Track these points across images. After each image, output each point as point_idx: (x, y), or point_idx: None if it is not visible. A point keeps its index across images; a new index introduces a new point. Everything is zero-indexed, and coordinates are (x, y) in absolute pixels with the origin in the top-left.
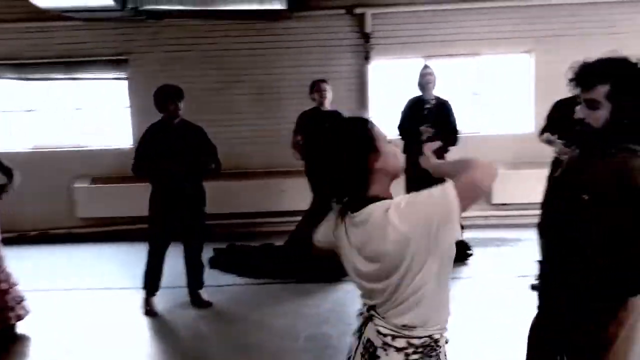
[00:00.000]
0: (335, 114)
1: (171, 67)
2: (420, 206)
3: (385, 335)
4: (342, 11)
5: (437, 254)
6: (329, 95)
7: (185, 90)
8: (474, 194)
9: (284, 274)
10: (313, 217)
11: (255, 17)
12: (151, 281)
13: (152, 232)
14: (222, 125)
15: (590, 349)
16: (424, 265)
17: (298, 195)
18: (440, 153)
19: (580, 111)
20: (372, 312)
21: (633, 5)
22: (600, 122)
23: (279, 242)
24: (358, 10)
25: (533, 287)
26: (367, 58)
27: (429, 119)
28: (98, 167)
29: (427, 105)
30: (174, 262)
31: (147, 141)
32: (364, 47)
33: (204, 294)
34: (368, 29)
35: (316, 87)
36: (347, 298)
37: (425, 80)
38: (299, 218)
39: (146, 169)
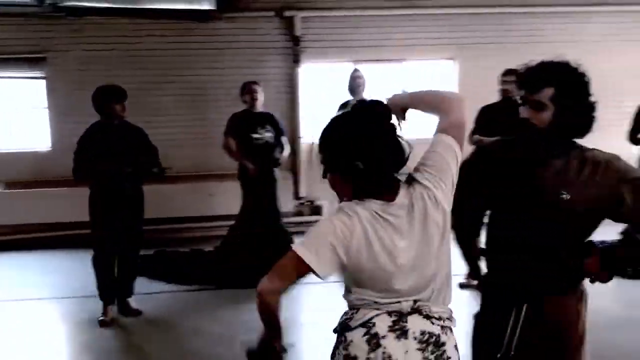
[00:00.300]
0: (267, 116)
1: (93, 66)
2: (443, 166)
3: (440, 319)
4: (272, 13)
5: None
6: (261, 97)
7: None
8: (463, 133)
9: (217, 280)
10: (245, 221)
11: (183, 17)
12: (107, 289)
13: (96, 237)
14: (148, 127)
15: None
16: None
17: (227, 199)
18: None
19: (525, 112)
20: (418, 305)
21: (550, 15)
22: (546, 123)
23: (209, 248)
24: (287, 13)
25: (461, 286)
26: (296, 61)
27: None
28: (13, 171)
29: None
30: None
31: (87, 143)
32: (294, 50)
33: (132, 302)
34: (298, 32)
35: (247, 89)
36: (284, 301)
37: (355, 83)
38: (229, 222)
39: (86, 170)
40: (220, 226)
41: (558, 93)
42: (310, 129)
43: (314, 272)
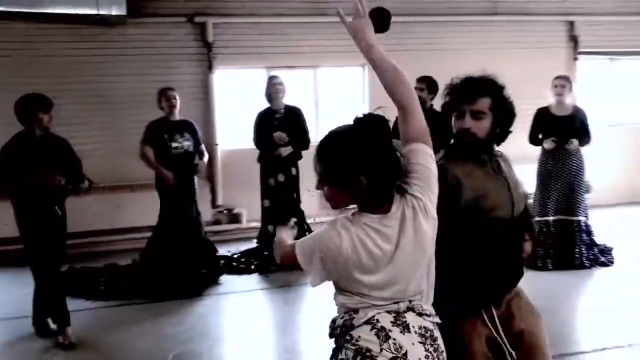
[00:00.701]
0: (186, 124)
1: None
2: (428, 175)
3: (430, 315)
4: (183, 19)
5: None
6: (178, 103)
7: (6, 99)
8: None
9: (139, 293)
10: (164, 232)
11: (90, 22)
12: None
13: (32, 254)
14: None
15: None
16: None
17: (136, 210)
18: (293, 159)
19: (465, 122)
20: (413, 304)
21: (450, 24)
22: (485, 131)
23: (119, 261)
24: (199, 19)
25: None
26: (210, 67)
27: (280, 128)
28: None
29: (277, 115)
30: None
31: (10, 155)
32: (207, 56)
33: (51, 323)
34: (210, 38)
35: (165, 96)
36: (208, 312)
37: (274, 90)
38: (138, 235)
39: (11, 184)
40: (129, 239)
41: (494, 103)
42: (226, 136)
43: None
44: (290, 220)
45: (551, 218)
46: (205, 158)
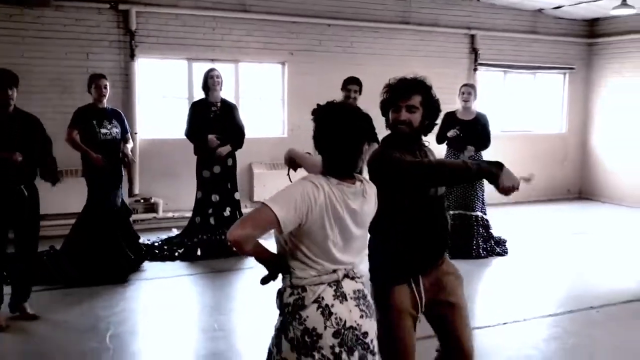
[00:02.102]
0: (114, 112)
1: None
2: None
3: (360, 277)
4: (107, 5)
5: None
6: (108, 92)
7: None
8: None
9: (62, 279)
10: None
11: (6, 1)
12: None
13: None
14: None
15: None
16: None
17: (55, 197)
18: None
19: (402, 115)
20: (347, 270)
21: (363, 29)
22: (417, 123)
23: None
24: (123, 7)
25: None
26: (132, 56)
27: (216, 121)
28: None
29: (214, 108)
30: None
31: None
32: (129, 44)
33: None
34: (133, 26)
35: (95, 83)
36: (138, 296)
37: (212, 82)
38: (56, 222)
39: None
40: (49, 226)
41: (424, 99)
42: (145, 125)
43: (278, 226)
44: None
45: (451, 212)
46: (130, 144)
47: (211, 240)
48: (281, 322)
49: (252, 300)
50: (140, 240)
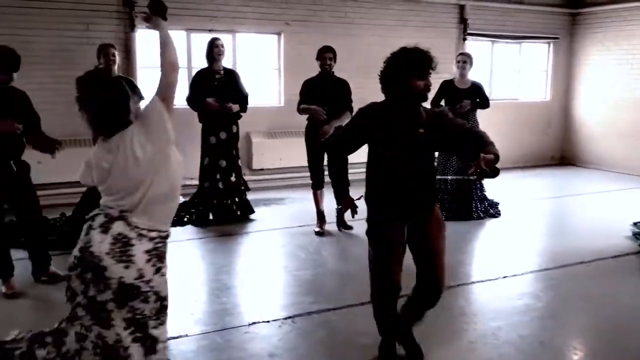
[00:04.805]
0: (126, 80)
1: None
2: (150, 119)
3: (137, 227)
4: None
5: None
6: (117, 60)
7: None
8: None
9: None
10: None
11: None
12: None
13: None
14: None
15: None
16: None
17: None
18: (233, 117)
19: (429, 81)
20: (123, 214)
21: (364, 1)
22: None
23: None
24: None
25: (316, 233)
26: (132, 26)
27: (220, 89)
28: None
29: (217, 76)
30: None
31: None
32: (129, 15)
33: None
34: None
35: (104, 52)
36: None
37: (216, 51)
38: (65, 191)
39: None
40: (55, 194)
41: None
42: (147, 95)
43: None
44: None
45: (449, 177)
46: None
47: (221, 205)
48: None
49: (258, 260)
50: None
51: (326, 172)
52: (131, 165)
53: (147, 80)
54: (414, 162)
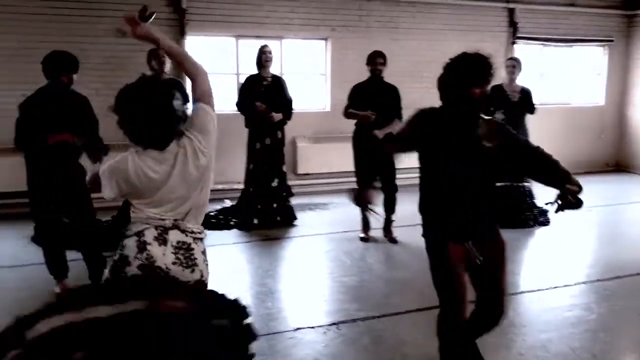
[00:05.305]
0: (174, 83)
1: None
2: (204, 127)
3: (192, 232)
4: None
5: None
6: (167, 62)
7: None
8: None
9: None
10: None
11: None
12: (56, 265)
13: (33, 211)
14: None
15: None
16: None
17: None
18: (279, 123)
19: (486, 89)
20: (177, 223)
21: (402, 5)
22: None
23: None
24: None
25: (361, 239)
26: (182, 33)
27: (267, 95)
28: None
29: (265, 82)
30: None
31: (27, 109)
32: (180, 22)
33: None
34: (184, 4)
35: (154, 55)
36: None
37: (265, 58)
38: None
39: (24, 140)
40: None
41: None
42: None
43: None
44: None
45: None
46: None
47: (266, 209)
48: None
49: (303, 265)
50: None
51: None
52: (193, 173)
53: None
54: (473, 173)
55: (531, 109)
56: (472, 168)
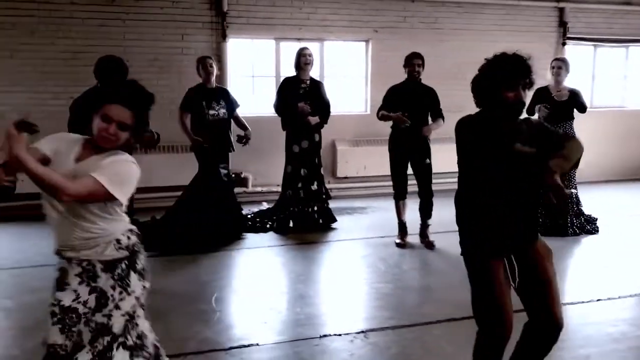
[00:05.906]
0: (223, 91)
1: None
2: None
3: None
4: None
5: None
6: (215, 71)
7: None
8: None
9: (162, 247)
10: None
11: None
12: None
13: None
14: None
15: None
16: None
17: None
18: (316, 126)
19: (520, 94)
20: None
21: (447, 5)
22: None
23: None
24: None
25: (397, 245)
26: (224, 36)
27: (305, 98)
28: None
29: (303, 85)
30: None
31: (80, 108)
32: (221, 25)
33: None
34: (225, 7)
35: (202, 64)
36: (237, 264)
37: (304, 60)
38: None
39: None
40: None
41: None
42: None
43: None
44: None
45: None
46: (249, 130)
47: (303, 213)
48: (128, 260)
49: (337, 270)
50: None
51: (410, 182)
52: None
53: (239, 88)
54: (512, 179)
55: (581, 107)
56: (511, 173)
